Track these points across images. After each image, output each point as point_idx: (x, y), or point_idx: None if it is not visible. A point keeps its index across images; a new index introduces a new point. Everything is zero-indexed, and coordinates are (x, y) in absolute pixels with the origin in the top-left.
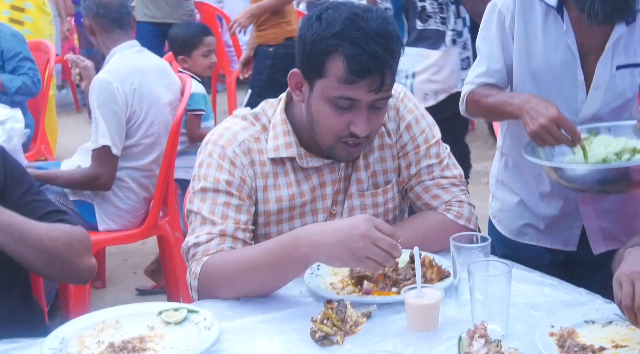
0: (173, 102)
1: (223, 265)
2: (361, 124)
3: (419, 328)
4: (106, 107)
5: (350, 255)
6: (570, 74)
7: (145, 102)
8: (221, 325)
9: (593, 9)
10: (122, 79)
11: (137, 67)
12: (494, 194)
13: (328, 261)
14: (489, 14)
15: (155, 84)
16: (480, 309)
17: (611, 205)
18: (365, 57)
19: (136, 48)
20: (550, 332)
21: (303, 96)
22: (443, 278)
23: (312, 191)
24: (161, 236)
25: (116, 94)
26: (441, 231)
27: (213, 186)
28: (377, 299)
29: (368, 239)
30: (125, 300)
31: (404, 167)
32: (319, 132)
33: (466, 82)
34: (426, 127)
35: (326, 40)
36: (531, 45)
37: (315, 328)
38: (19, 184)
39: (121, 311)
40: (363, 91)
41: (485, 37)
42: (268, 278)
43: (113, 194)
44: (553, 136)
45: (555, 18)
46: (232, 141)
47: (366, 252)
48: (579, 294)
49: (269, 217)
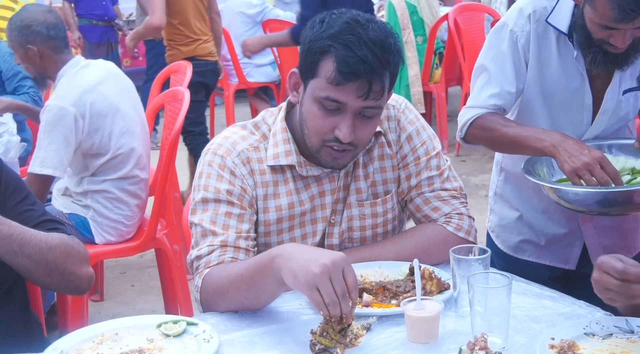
0: (134, 102)
1: (217, 279)
2: (345, 129)
3: (419, 340)
4: (55, 131)
5: (303, 276)
6: (579, 97)
7: (107, 116)
8: (220, 338)
9: (595, 61)
10: (75, 102)
11: (86, 86)
12: (492, 208)
13: (285, 274)
14: (497, 33)
15: (110, 94)
16: (480, 322)
17: (611, 222)
18: (354, 60)
19: (82, 63)
20: (551, 344)
21: (299, 97)
22: (443, 290)
23: (311, 200)
24: (159, 249)
25: (68, 118)
26: (441, 243)
27: (214, 196)
28: (377, 312)
29: (327, 272)
30: (124, 313)
31: (404, 179)
32: (307, 135)
33: (472, 105)
34: (427, 139)
35: (322, 41)
36: (544, 68)
37: (315, 340)
38: (15, 193)
39: (120, 324)
40: (350, 95)
41: (495, 56)
42: (250, 290)
43: (103, 207)
44: (596, 175)
45: (566, 43)
46: (231, 151)
47: (317, 282)
48: (579, 306)
49: (269, 226)
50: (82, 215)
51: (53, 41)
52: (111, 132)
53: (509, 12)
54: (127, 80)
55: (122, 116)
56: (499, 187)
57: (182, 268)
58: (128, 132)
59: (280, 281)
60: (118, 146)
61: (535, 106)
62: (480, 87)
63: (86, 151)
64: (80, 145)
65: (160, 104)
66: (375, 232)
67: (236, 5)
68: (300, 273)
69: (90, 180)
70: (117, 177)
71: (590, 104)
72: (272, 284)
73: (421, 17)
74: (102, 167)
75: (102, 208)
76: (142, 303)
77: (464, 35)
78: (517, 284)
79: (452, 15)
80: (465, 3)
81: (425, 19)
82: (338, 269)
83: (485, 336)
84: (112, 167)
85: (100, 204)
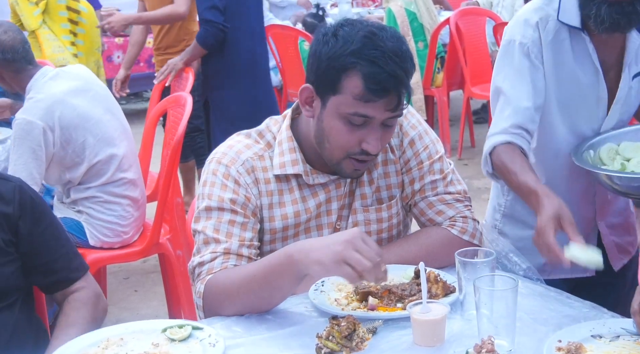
0: (109, 106)
1: (224, 282)
2: (374, 142)
3: (425, 343)
4: (24, 145)
5: (330, 258)
6: (594, 91)
7: (78, 127)
8: (226, 342)
9: (599, 16)
10: (42, 115)
11: (54, 98)
12: (502, 232)
13: (310, 264)
14: (505, 52)
15: (81, 104)
16: (487, 324)
17: (618, 219)
18: (383, 76)
19: (49, 75)
20: (558, 347)
21: (313, 112)
22: (448, 293)
23: (317, 207)
24: (163, 254)
25: (35, 132)
26: (446, 246)
27: (217, 205)
28: (383, 315)
29: (350, 245)
30: (127, 318)
31: (407, 183)
32: (328, 148)
33: (492, 133)
34: (429, 143)
35: (344, 58)
36: (560, 70)
37: (321, 344)
38: (37, 221)
39: (125, 328)
40: (380, 109)
41: (507, 75)
42: (264, 291)
43: (95, 211)
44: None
45: (580, 38)
46: (236, 160)
47: (345, 256)
48: (586, 308)
49: (274, 234)
50: (76, 219)
51: (11, 64)
52: (84, 142)
53: (512, 28)
54: (99, 84)
55: (95, 124)
56: (506, 208)
57: (185, 273)
58: (103, 139)
59: (299, 277)
60: (94, 155)
61: (551, 112)
62: (498, 112)
63: (60, 162)
64: (54, 157)
65: (163, 109)
66: (380, 237)
67: None
68: (324, 257)
69: (76, 189)
70: (100, 183)
71: (605, 98)
72: (289, 283)
73: (421, 22)
74: (83, 177)
75: (94, 212)
76: (146, 309)
77: (466, 39)
78: (523, 286)
79: (453, 19)
80: (467, 7)
81: (425, 24)
82: (358, 239)
83: (492, 338)
84: (94, 174)
85: (92, 208)
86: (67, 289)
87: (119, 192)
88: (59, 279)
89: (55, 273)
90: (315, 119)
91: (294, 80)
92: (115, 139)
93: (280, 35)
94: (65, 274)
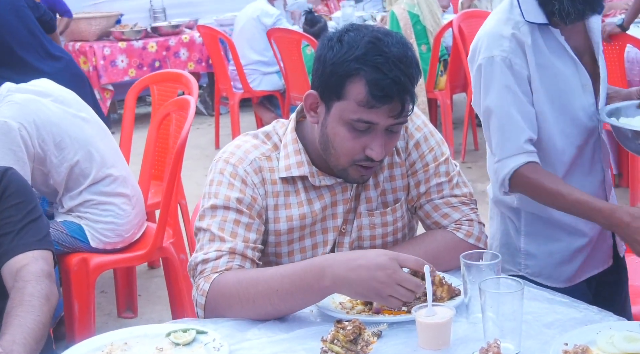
0: (79, 108)
1: (236, 284)
2: (378, 148)
3: (430, 346)
4: (3, 148)
5: (374, 293)
6: (577, 79)
7: (53, 126)
8: (230, 346)
9: (564, 10)
10: (16, 116)
11: (22, 102)
12: (529, 253)
13: (351, 295)
14: (488, 70)
15: (51, 106)
16: (493, 327)
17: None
18: (387, 82)
19: (12, 88)
20: (564, 350)
21: (318, 117)
22: (454, 296)
23: (323, 210)
24: (166, 258)
25: (13, 133)
26: (451, 249)
27: (223, 204)
28: (388, 319)
29: (392, 280)
30: (131, 323)
31: (413, 186)
32: (333, 154)
33: (506, 156)
34: (435, 145)
35: (348, 63)
36: (542, 69)
37: (326, 348)
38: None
39: (129, 333)
40: (383, 115)
41: (497, 93)
42: (286, 304)
43: (92, 215)
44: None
45: (549, 33)
46: (244, 160)
47: (390, 292)
48: (592, 311)
49: (279, 236)
50: (76, 222)
51: None
52: (61, 142)
53: (488, 45)
54: (66, 90)
55: (69, 124)
56: (526, 227)
57: (189, 277)
58: (79, 138)
59: (327, 294)
60: (72, 154)
61: (547, 114)
62: (498, 133)
63: (42, 163)
64: (35, 159)
65: (166, 112)
66: (386, 241)
67: (253, 11)
68: (369, 293)
69: (69, 197)
70: (88, 184)
71: (589, 82)
72: (315, 300)
73: (424, 25)
74: (70, 181)
75: (92, 216)
76: (150, 313)
77: (469, 42)
78: (528, 289)
79: (456, 22)
80: (470, 10)
81: (429, 26)
82: (398, 270)
83: (498, 341)
84: (79, 175)
85: (88, 213)
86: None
87: (110, 191)
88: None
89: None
90: (319, 125)
91: (297, 83)
92: (93, 137)
93: (284, 38)
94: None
